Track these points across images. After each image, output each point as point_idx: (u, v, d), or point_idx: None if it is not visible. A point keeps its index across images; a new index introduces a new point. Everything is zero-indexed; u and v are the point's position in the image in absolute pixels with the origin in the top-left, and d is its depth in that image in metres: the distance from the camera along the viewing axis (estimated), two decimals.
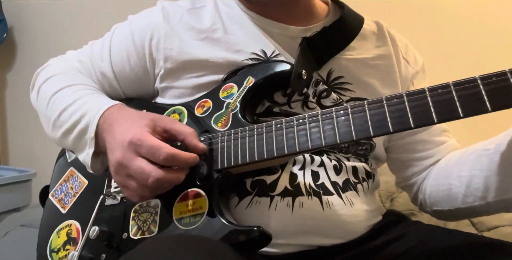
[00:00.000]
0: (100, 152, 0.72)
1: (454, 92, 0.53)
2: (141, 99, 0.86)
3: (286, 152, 0.63)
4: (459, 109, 0.53)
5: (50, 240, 0.80)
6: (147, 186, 0.62)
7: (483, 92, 0.52)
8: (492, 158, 0.69)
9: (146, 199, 0.70)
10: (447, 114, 0.53)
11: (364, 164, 0.81)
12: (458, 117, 0.53)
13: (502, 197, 0.69)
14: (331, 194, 0.74)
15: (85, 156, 0.73)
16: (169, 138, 0.67)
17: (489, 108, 0.51)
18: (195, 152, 0.65)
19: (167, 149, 0.61)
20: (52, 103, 0.80)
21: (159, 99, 0.86)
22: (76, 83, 0.82)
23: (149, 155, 0.62)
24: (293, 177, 0.73)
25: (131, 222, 0.72)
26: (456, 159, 0.79)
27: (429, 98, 0.55)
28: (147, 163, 0.62)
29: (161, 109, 0.80)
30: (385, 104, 0.57)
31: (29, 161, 2.13)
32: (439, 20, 1.48)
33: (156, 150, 0.61)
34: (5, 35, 2.13)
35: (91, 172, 0.74)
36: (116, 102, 0.75)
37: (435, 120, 0.54)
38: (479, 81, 0.52)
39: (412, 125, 0.55)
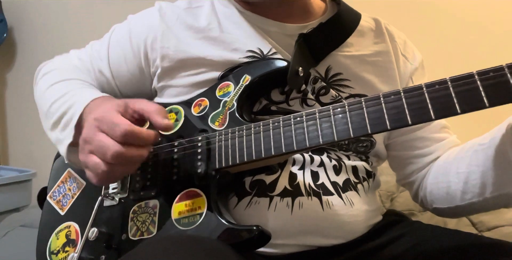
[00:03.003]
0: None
1: (451, 88, 0.53)
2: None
3: (284, 150, 0.63)
4: (457, 105, 0.53)
5: (49, 242, 0.80)
6: (107, 161, 0.60)
7: (481, 88, 0.52)
8: (487, 152, 0.69)
9: (108, 180, 0.66)
10: (445, 110, 0.53)
11: (364, 163, 0.81)
12: (456, 114, 0.53)
13: (499, 192, 0.69)
14: (331, 194, 0.73)
15: (63, 146, 0.72)
16: (140, 118, 0.66)
17: (487, 104, 0.51)
18: (159, 129, 0.63)
19: (126, 125, 0.60)
20: (46, 96, 0.81)
21: (157, 99, 0.86)
22: (71, 78, 0.83)
23: (109, 131, 0.61)
24: (292, 177, 0.72)
25: (130, 223, 0.72)
26: (454, 156, 0.78)
27: (426, 94, 0.55)
28: (108, 137, 0.61)
29: None
30: (382, 101, 0.57)
31: (29, 161, 2.13)
32: (437, 17, 1.48)
33: (115, 126, 0.60)
34: (5, 35, 2.13)
35: (66, 162, 0.74)
36: (104, 94, 0.75)
37: (433, 117, 0.54)
38: (476, 76, 0.52)
39: (409, 122, 0.55)
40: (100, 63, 0.87)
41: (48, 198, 0.86)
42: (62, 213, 0.82)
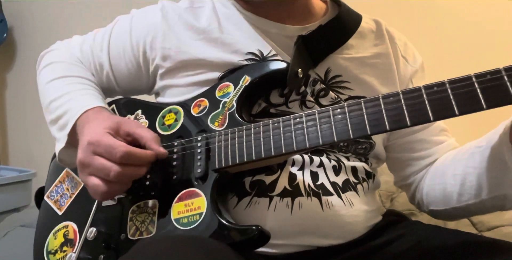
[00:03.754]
0: (75, 148, 0.74)
1: (449, 90, 0.54)
2: (137, 99, 0.87)
3: (283, 151, 0.63)
4: (455, 107, 0.53)
5: (46, 242, 0.80)
6: (109, 180, 0.65)
7: (478, 90, 0.52)
8: (484, 154, 0.69)
9: (108, 197, 0.71)
10: (443, 112, 0.54)
11: (364, 164, 0.80)
12: (454, 115, 0.53)
13: (495, 193, 0.69)
14: (331, 194, 0.73)
15: (57, 149, 0.77)
16: (133, 141, 0.69)
17: (484, 106, 0.52)
18: (157, 157, 0.69)
19: (122, 147, 0.64)
20: (47, 90, 0.84)
21: (159, 99, 0.86)
22: (71, 75, 0.85)
23: (106, 154, 0.65)
24: (292, 177, 0.72)
25: (129, 223, 0.72)
26: (452, 158, 0.79)
27: (425, 96, 0.55)
28: (106, 160, 0.65)
29: (157, 109, 0.81)
30: (381, 102, 0.58)
31: (29, 161, 2.13)
32: (438, 19, 1.47)
33: (112, 149, 0.64)
34: (5, 35, 2.14)
35: (58, 161, 0.78)
36: (97, 104, 0.76)
37: (431, 119, 0.54)
38: (474, 79, 0.53)
39: (408, 123, 0.55)
40: (100, 54, 0.88)
41: (45, 197, 0.86)
42: (60, 213, 0.82)
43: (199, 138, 0.72)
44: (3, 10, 2.13)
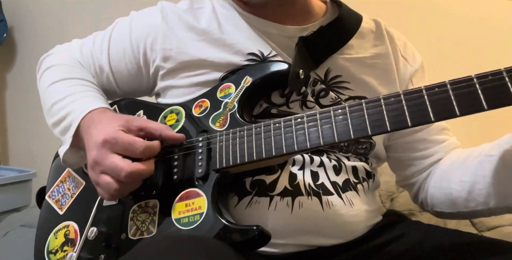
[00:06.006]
0: (79, 149, 0.76)
1: (450, 91, 0.54)
2: (139, 100, 0.87)
3: (284, 151, 0.63)
4: (456, 108, 0.53)
5: (47, 241, 0.80)
6: (120, 180, 0.65)
7: (479, 91, 0.53)
8: (495, 164, 0.69)
9: (117, 197, 0.71)
10: (444, 113, 0.54)
11: (364, 164, 0.81)
12: (455, 116, 0.54)
13: (504, 203, 0.69)
14: (331, 194, 0.74)
15: (61, 150, 0.77)
16: (146, 136, 0.70)
17: (485, 107, 0.52)
18: (174, 141, 0.71)
19: (141, 141, 0.66)
20: (48, 93, 0.84)
21: (160, 100, 0.86)
22: (72, 77, 0.85)
23: (126, 151, 0.65)
24: (292, 177, 0.73)
25: (129, 223, 0.72)
26: (459, 163, 0.78)
27: (426, 97, 0.55)
28: (120, 158, 0.65)
29: (158, 109, 0.81)
30: (382, 103, 0.58)
31: (29, 161, 2.13)
32: (438, 19, 1.47)
33: (133, 144, 0.66)
34: (5, 35, 2.13)
35: (62, 163, 0.78)
36: (100, 105, 0.77)
37: (432, 119, 0.54)
38: (475, 80, 0.53)
39: (409, 124, 0.56)
40: (100, 57, 0.88)
41: (46, 197, 0.86)
42: (61, 213, 0.82)
43: (200, 138, 0.72)
44: (3, 10, 2.12)
